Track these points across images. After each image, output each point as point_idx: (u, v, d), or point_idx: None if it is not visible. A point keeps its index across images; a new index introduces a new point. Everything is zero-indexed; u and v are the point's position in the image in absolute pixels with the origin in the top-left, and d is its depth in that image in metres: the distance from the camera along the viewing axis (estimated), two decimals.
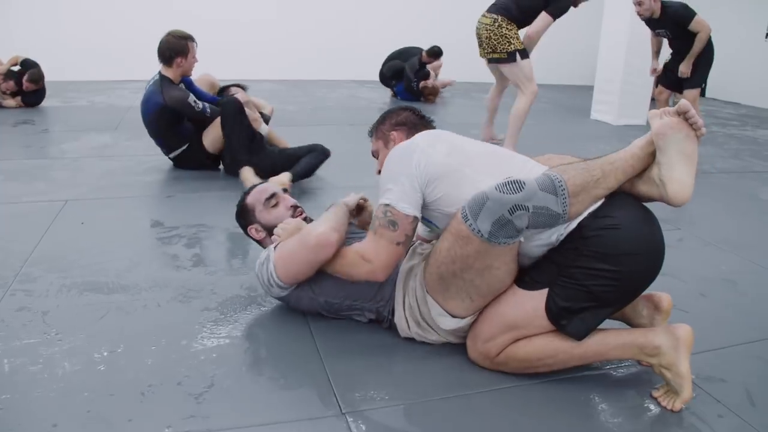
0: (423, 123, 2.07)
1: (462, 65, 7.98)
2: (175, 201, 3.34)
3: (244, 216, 2.20)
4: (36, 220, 2.95)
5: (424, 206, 1.76)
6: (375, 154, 2.10)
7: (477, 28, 4.49)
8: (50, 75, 7.70)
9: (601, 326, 1.73)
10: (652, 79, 6.72)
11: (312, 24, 8.81)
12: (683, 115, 1.61)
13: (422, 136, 1.83)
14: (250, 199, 2.19)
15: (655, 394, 1.71)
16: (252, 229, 2.17)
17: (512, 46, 4.32)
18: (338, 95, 7.72)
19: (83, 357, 1.80)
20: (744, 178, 4.42)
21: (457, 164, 1.73)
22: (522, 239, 1.64)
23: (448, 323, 1.80)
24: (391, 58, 7.57)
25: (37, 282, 2.29)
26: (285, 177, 3.42)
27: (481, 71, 5.62)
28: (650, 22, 4.65)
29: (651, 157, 1.66)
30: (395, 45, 8.73)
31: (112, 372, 1.74)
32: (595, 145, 5.24)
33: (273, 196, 2.16)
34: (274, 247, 1.96)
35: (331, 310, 2.00)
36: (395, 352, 1.90)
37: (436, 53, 7.31)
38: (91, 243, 2.70)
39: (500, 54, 4.38)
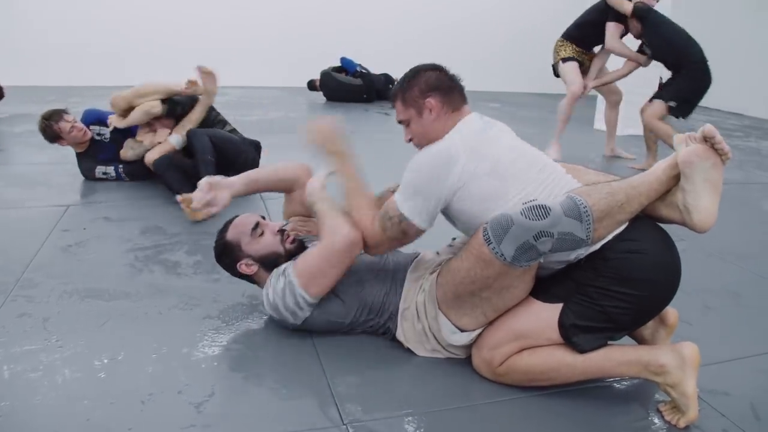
0: (455, 84, 1.87)
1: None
2: (178, 208, 3.31)
3: (229, 254, 2.06)
4: (37, 226, 2.95)
5: (446, 207, 1.77)
6: (404, 122, 1.88)
7: None
8: (54, 80, 7.77)
9: None
10: (655, 90, 6.72)
11: (315, 30, 8.83)
12: (710, 141, 1.58)
13: (463, 145, 1.70)
14: (231, 235, 2.05)
15: (662, 407, 1.69)
16: (242, 265, 2.03)
17: (558, 56, 4.86)
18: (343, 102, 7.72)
19: (84, 364, 1.80)
20: (747, 189, 4.40)
21: (497, 185, 1.69)
22: (542, 260, 1.64)
23: (460, 339, 1.79)
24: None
25: (38, 288, 2.28)
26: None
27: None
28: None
29: (674, 181, 1.65)
30: (400, 50, 8.76)
31: (112, 380, 1.73)
32: (598, 155, 5.23)
33: (257, 226, 2.05)
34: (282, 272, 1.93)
35: (341, 328, 1.98)
36: (397, 362, 1.89)
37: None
38: (93, 249, 2.69)
39: (555, 66, 4.96)
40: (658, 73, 6.41)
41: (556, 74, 5.00)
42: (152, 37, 8.21)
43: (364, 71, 7.76)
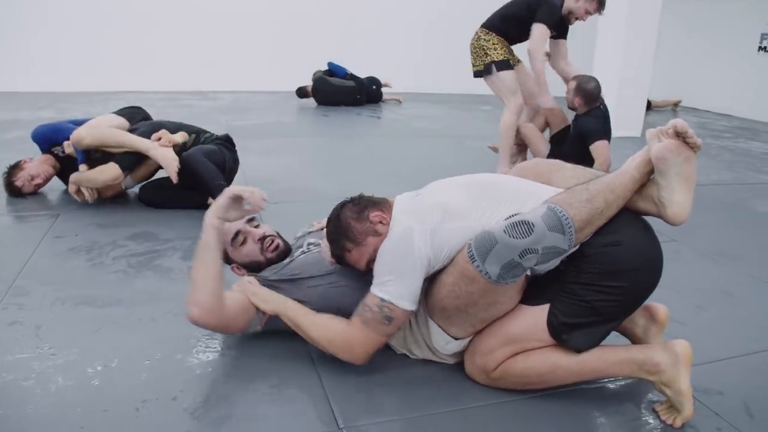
0: (372, 198, 1.88)
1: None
2: (170, 213, 3.31)
3: (223, 258, 2.08)
4: (29, 232, 2.93)
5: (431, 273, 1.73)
6: (363, 258, 1.81)
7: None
8: (45, 85, 7.74)
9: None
10: (646, 92, 6.76)
11: (306, 34, 8.84)
12: (682, 136, 1.59)
13: (408, 216, 1.73)
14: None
15: (658, 407, 1.70)
16: (234, 268, 2.10)
17: (489, 57, 4.11)
18: (335, 108, 7.73)
19: (77, 372, 1.79)
20: (738, 190, 4.43)
21: (457, 224, 1.68)
22: (528, 273, 1.64)
23: (453, 348, 1.79)
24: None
25: (30, 295, 2.27)
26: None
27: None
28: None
29: (647, 176, 1.66)
30: (393, 54, 8.79)
31: (106, 387, 1.72)
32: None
33: (237, 234, 2.08)
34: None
35: None
36: (392, 366, 1.88)
37: None
38: (85, 255, 2.68)
39: (478, 66, 4.20)
40: (649, 74, 6.46)
41: (479, 75, 4.23)
42: (143, 43, 8.20)
43: (353, 74, 7.79)
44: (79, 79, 7.90)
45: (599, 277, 1.61)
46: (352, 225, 1.81)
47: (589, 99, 3.89)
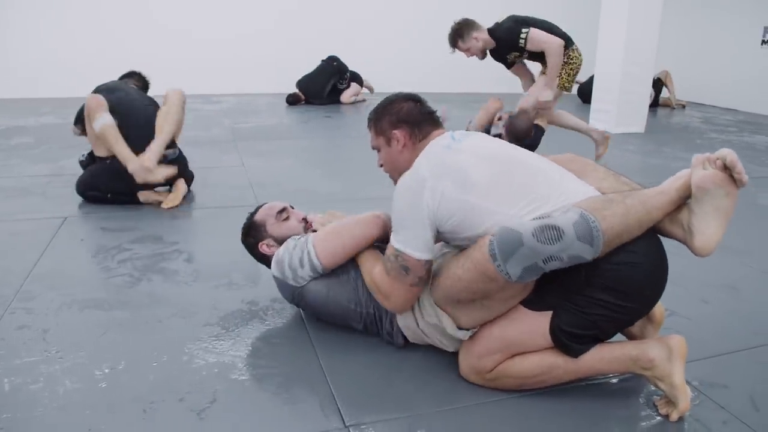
0: (425, 117, 1.89)
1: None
2: (175, 216, 3.33)
3: (254, 233, 2.16)
4: (35, 237, 2.95)
5: (442, 234, 1.72)
6: (376, 149, 1.95)
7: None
8: (48, 92, 7.77)
9: None
10: (649, 87, 6.74)
11: (307, 37, 8.84)
12: (729, 170, 1.53)
13: (428, 166, 1.70)
14: (259, 216, 2.18)
15: (657, 401, 1.70)
16: (263, 245, 2.12)
17: None
18: (339, 106, 7.74)
19: (84, 374, 1.80)
20: None
21: (471, 199, 1.64)
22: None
23: (461, 335, 1.77)
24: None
25: (37, 300, 2.28)
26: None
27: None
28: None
29: (684, 200, 1.62)
30: (403, 54, 8.78)
31: (113, 389, 1.73)
32: (594, 153, 5.23)
33: (284, 210, 2.17)
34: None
35: (348, 315, 1.99)
36: (398, 364, 1.89)
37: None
38: (91, 259, 2.70)
39: None
40: (652, 70, 6.44)
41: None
42: (146, 48, 8.20)
43: (333, 56, 7.90)
44: (81, 84, 7.89)
45: (603, 292, 1.58)
46: (385, 118, 1.90)
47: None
